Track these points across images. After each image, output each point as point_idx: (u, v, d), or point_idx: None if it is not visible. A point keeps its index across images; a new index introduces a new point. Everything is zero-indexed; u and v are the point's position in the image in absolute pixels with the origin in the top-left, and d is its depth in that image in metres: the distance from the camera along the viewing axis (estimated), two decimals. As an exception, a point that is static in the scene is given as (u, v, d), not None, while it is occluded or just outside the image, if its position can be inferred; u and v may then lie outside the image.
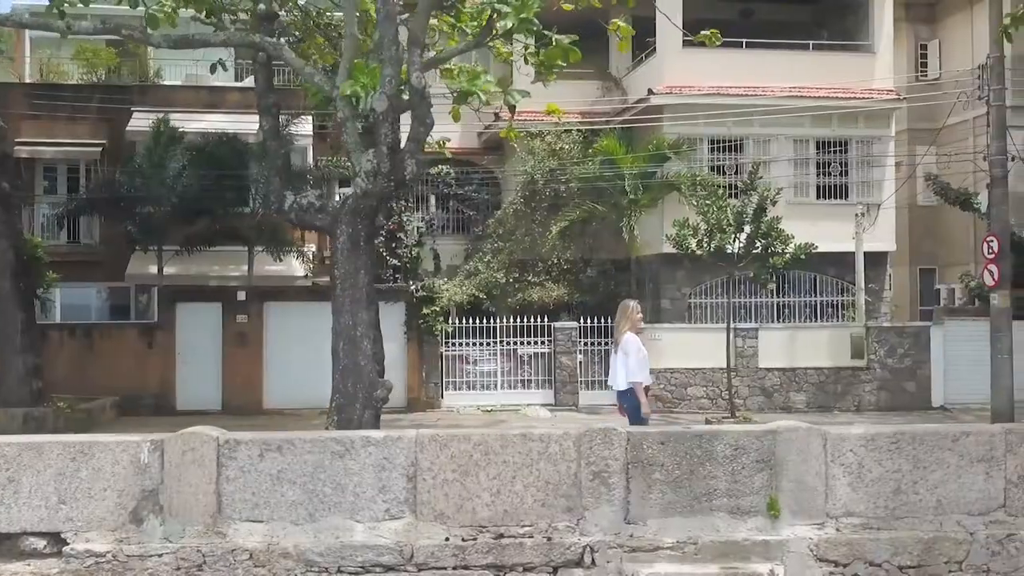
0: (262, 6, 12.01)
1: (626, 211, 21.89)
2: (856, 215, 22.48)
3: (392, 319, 22.27)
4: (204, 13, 12.58)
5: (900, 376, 21.92)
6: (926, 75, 27.94)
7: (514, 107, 13.99)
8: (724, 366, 21.65)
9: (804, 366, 21.82)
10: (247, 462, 7.11)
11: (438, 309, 21.99)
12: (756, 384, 21.78)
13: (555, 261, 23.93)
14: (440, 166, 26.86)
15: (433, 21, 13.81)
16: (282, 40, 12.83)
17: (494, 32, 11.20)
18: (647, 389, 11.54)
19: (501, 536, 7.15)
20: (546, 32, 11.33)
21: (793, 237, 19.33)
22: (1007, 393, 18.52)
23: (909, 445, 7.34)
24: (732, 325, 22.10)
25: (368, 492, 7.12)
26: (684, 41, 23.58)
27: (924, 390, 21.94)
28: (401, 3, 13.64)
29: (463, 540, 7.12)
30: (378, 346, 11.65)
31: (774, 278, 19.85)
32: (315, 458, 7.14)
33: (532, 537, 7.15)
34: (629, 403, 11.34)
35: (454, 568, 7.07)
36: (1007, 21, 13.62)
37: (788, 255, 18.84)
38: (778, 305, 23.52)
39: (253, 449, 7.14)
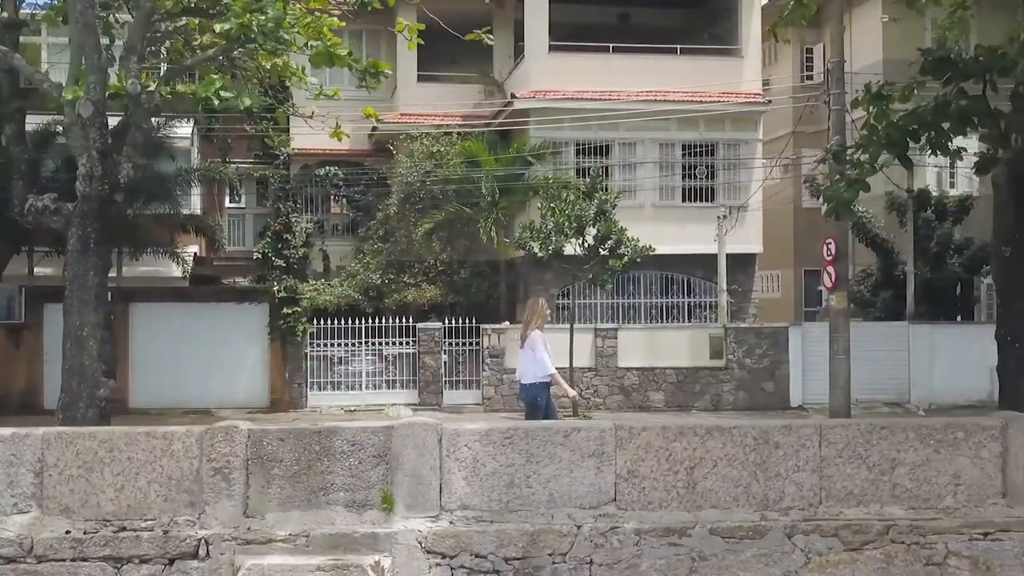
0: (5, 14, 12.21)
1: (485, 214, 22.13)
2: (718, 217, 22.81)
3: (255, 320, 22.58)
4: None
5: (758, 376, 22.26)
6: (812, 78, 28.30)
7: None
8: (587, 365, 22.05)
9: (663, 366, 22.13)
10: None
11: (300, 310, 22.19)
12: (615, 383, 22.08)
13: (431, 263, 24.19)
14: (328, 167, 27.15)
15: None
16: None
17: (220, 33, 11.36)
18: (549, 384, 12.28)
19: (123, 529, 7.39)
20: (285, 37, 11.46)
21: (637, 240, 19.65)
22: (843, 393, 18.90)
23: (522, 440, 7.62)
24: (594, 325, 22.52)
25: (-3, 488, 7.37)
26: (551, 46, 24.04)
27: (783, 390, 22.29)
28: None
29: (84, 533, 7.36)
30: (106, 347, 11.86)
31: (613, 280, 20.11)
32: (-59, 454, 7.37)
33: (152, 531, 7.40)
34: (528, 396, 12.26)
35: (72, 560, 7.30)
36: (776, 20, 14.05)
37: (626, 258, 19.11)
38: (646, 306, 23.86)
39: None
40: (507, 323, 22.59)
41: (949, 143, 10.73)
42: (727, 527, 7.50)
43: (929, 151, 11.20)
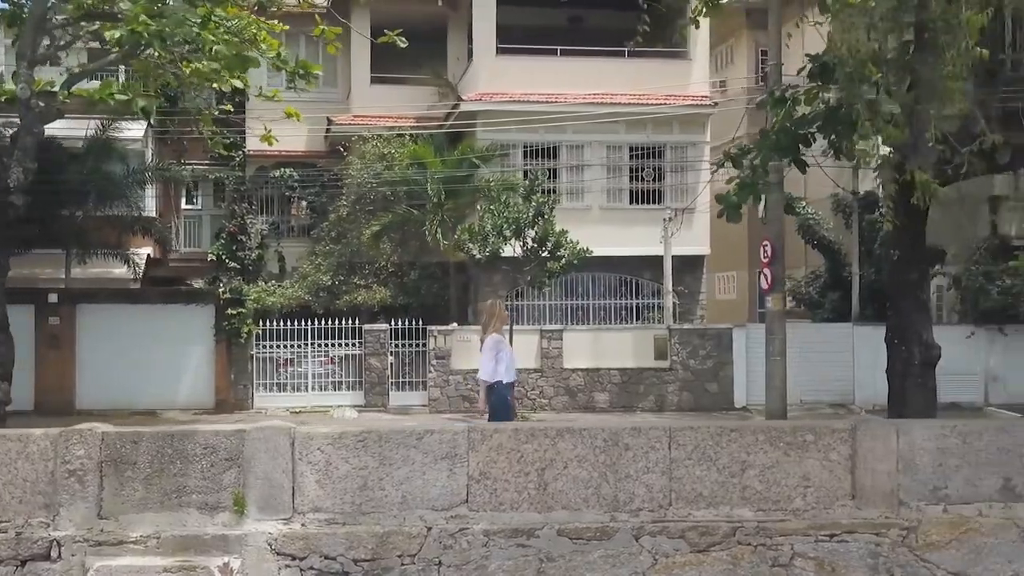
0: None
1: (430, 215, 22.21)
2: (664, 219, 22.92)
3: (201, 322, 22.62)
4: None
5: (702, 377, 22.36)
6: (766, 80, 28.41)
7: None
8: (533, 367, 22.14)
9: (608, 367, 22.21)
10: None
11: (245, 312, 22.24)
12: (561, 384, 22.16)
13: (383, 264, 24.29)
14: (284, 169, 27.23)
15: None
16: None
17: (111, 40, 11.40)
18: (512, 386, 12.35)
19: (-24, 531, 7.48)
20: (188, 42, 11.51)
21: (576, 243, 19.76)
22: (779, 394, 18.93)
23: (376, 444, 7.70)
24: (540, 327, 22.62)
25: None
26: (498, 48, 24.14)
27: (727, 391, 22.39)
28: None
29: (-64, 536, 7.43)
30: (5, 348, 11.91)
31: (551, 282, 20.21)
32: None
33: (5, 532, 7.47)
34: (493, 398, 12.04)
35: (-77, 563, 7.39)
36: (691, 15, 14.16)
37: (564, 260, 19.21)
38: (594, 307, 23.97)
39: None
40: (455, 324, 22.68)
41: (847, 146, 10.84)
42: (575, 528, 7.60)
43: (832, 154, 11.34)
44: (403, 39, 13.79)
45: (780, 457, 7.80)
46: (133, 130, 24.08)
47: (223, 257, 26.30)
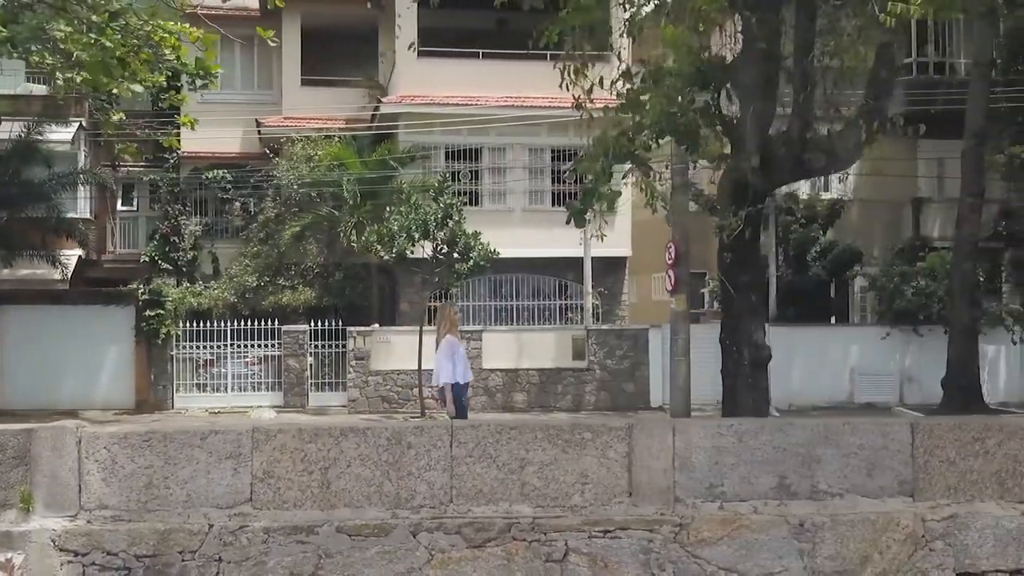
0: None
1: (346, 217, 22.38)
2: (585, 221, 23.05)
3: (121, 323, 22.77)
4: None
5: (619, 377, 22.59)
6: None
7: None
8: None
9: (527, 367, 22.42)
10: None
11: (163, 312, 22.38)
12: (480, 384, 22.30)
13: (308, 265, 24.46)
14: (217, 170, 27.36)
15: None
16: None
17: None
18: (466, 386, 13.33)
19: None
20: (46, 49, 11.64)
21: (487, 244, 19.93)
22: (683, 394, 19.22)
23: (161, 443, 7.88)
24: (460, 328, 22.70)
25: None
26: (420, 51, 24.24)
27: (643, 391, 22.63)
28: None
29: None
30: None
31: (459, 284, 20.40)
32: None
33: None
34: (455, 396, 12.88)
35: None
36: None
37: (472, 262, 19.39)
38: (518, 308, 24.17)
39: None
40: (376, 325, 22.86)
41: (691, 149, 11.08)
42: (354, 525, 7.78)
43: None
44: (275, 39, 13.97)
45: (559, 454, 8.00)
46: (61, 133, 24.23)
47: (156, 258, 26.52)
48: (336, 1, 26.25)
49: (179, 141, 26.38)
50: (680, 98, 10.61)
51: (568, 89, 10.73)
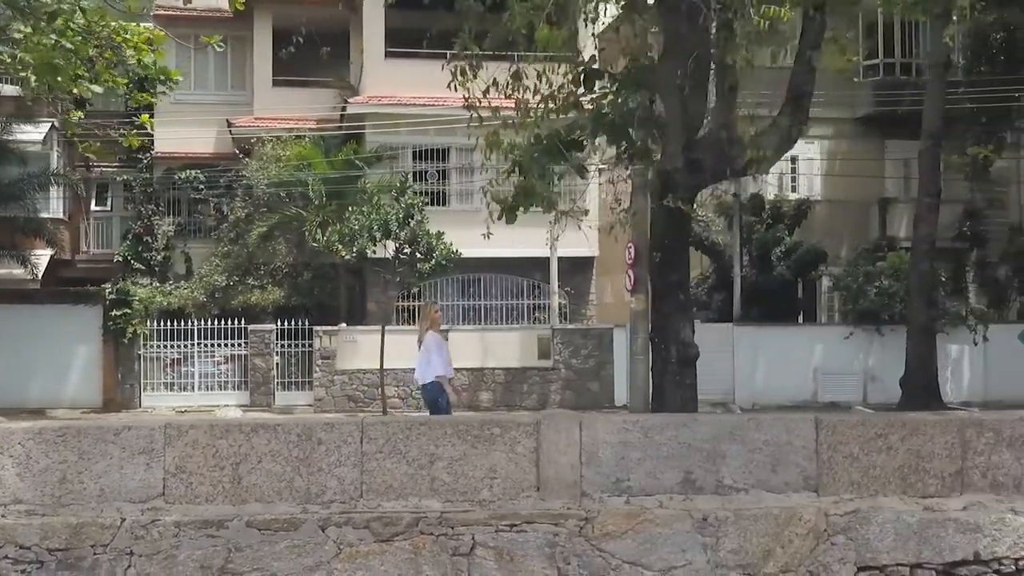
0: None
1: (311, 217, 22.51)
2: (549, 222, 23.19)
3: (89, 322, 22.91)
4: None
5: (584, 376, 22.76)
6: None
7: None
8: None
9: (493, 366, 22.57)
10: None
11: (130, 312, 22.50)
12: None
13: (278, 265, 24.59)
14: (190, 170, 27.50)
15: None
16: None
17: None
18: (450, 381, 13.66)
19: None
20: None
21: (449, 244, 20.07)
22: (642, 393, 19.32)
23: (75, 438, 8.00)
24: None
25: None
26: (387, 52, 24.47)
27: (608, 389, 22.80)
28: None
29: None
30: None
31: (420, 283, 20.55)
32: None
33: None
34: (428, 397, 13.21)
35: None
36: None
37: (433, 261, 19.53)
38: (486, 307, 24.32)
39: None
40: (344, 325, 23.00)
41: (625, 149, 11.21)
42: (264, 519, 7.90)
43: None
44: (220, 44, 14.11)
45: (468, 450, 8.13)
46: (32, 133, 24.38)
47: (129, 258, 26.67)
48: (308, 2, 26.37)
49: (152, 142, 26.58)
50: (610, 98, 10.76)
51: (456, 90, 10.83)
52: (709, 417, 8.98)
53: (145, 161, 27.43)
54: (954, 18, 18.61)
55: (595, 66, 11.08)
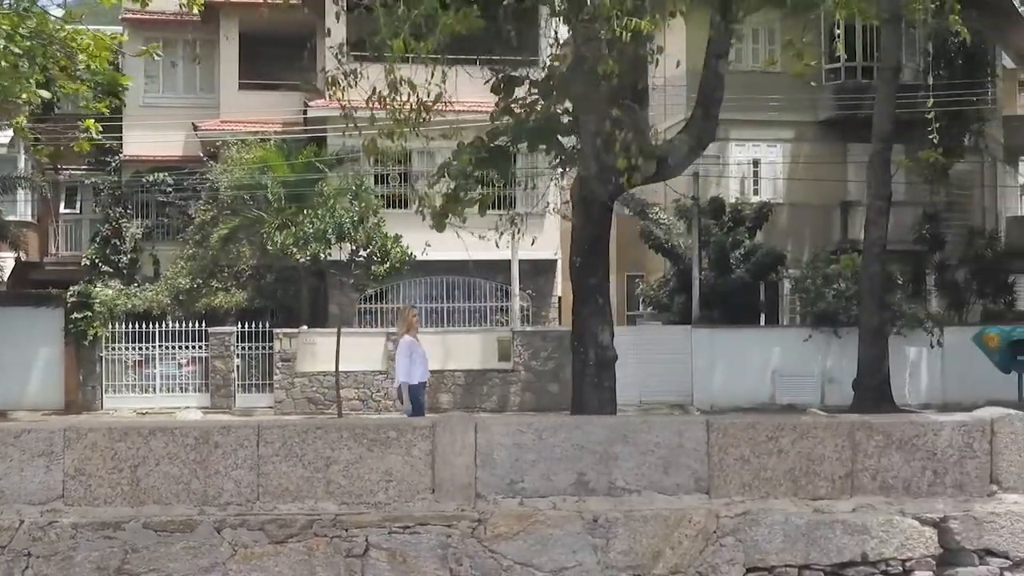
0: None
1: (269, 220, 22.62)
2: (496, 225, 23.35)
3: (51, 324, 23.00)
4: None
5: (544, 378, 22.89)
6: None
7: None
8: (378, 368, 22.59)
9: (453, 368, 22.70)
10: None
11: (91, 314, 22.61)
12: (405, 386, 22.57)
13: (242, 267, 24.71)
14: (158, 173, 27.62)
15: None
16: None
17: None
18: (423, 385, 14.24)
19: None
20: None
21: (406, 247, 20.20)
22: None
23: (-25, 441, 8.14)
24: (386, 329, 23.09)
25: None
26: (350, 55, 24.50)
27: (567, 391, 22.70)
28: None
29: None
30: None
31: (375, 285, 20.68)
32: None
33: None
34: (413, 397, 13.81)
35: None
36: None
37: (388, 264, 19.67)
38: (449, 310, 24.46)
39: None
40: (305, 327, 23.12)
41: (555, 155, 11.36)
42: (160, 521, 8.03)
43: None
44: (158, 53, 14.24)
45: (364, 453, 8.26)
46: (-2, 136, 24.52)
47: (97, 261, 26.78)
48: (273, 6, 26.44)
49: (121, 145, 26.72)
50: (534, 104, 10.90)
51: (338, 97, 10.98)
52: (602, 419, 9.12)
53: (114, 164, 27.55)
54: (902, 23, 18.72)
55: (514, 73, 11.18)
